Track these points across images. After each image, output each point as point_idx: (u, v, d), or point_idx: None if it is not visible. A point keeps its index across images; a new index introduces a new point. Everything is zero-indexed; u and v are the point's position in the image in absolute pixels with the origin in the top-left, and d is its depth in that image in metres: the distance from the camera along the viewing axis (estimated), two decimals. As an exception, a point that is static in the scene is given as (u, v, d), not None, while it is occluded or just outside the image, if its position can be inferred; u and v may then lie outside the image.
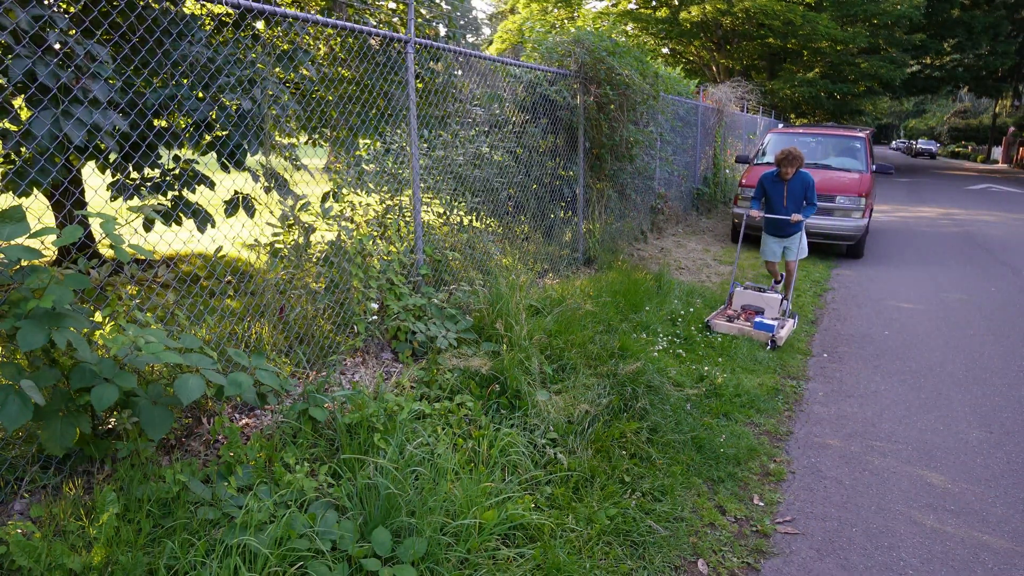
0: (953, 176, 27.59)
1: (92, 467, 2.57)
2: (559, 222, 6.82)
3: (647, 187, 9.09)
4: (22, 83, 2.78)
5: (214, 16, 3.97)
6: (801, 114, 31.95)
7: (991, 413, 4.11)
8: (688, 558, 2.67)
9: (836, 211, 8.61)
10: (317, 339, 3.73)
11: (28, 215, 2.31)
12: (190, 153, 3.84)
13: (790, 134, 10.55)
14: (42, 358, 2.37)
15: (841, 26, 24.04)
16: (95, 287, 2.63)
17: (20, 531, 2.10)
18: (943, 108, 63.41)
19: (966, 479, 3.33)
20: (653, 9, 27.81)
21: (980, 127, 50.70)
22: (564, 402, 3.63)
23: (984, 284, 7.55)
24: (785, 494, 3.17)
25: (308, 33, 4.84)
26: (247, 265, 4.63)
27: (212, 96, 3.42)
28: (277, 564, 2.18)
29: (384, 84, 4.45)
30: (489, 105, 6.00)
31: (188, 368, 2.72)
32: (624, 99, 6.70)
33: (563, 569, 2.46)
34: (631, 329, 5.07)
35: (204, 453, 2.86)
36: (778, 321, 5.49)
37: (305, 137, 5.65)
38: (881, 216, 13.60)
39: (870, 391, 4.43)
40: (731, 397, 4.16)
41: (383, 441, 2.85)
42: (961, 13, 29.55)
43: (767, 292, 5.82)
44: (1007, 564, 2.68)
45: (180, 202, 3.81)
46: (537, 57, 6.65)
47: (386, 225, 4.46)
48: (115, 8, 3.46)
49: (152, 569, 2.13)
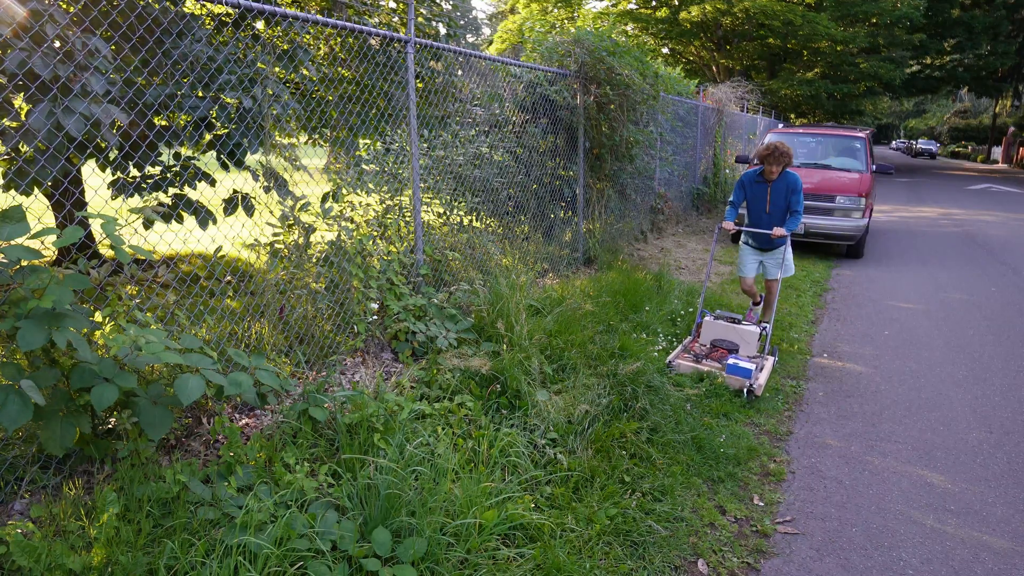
0: (953, 176, 27.59)
1: (92, 467, 2.57)
2: (559, 222, 6.82)
3: (647, 187, 9.09)
4: (23, 82, 2.78)
5: (214, 16, 3.97)
6: (801, 114, 31.96)
7: (991, 413, 4.11)
8: (688, 558, 2.67)
9: (836, 211, 8.61)
10: (317, 339, 3.73)
11: (28, 215, 2.31)
12: (191, 152, 3.84)
13: (790, 134, 10.55)
14: (42, 358, 2.37)
15: (841, 26, 24.04)
16: (95, 287, 2.63)
17: (20, 531, 2.10)
18: (943, 108, 63.40)
19: (966, 479, 3.33)
20: (653, 9, 27.81)
21: (980, 127, 50.70)
22: (564, 402, 3.63)
23: (984, 284, 7.55)
24: (785, 494, 3.17)
25: (308, 33, 4.84)
26: (247, 265, 4.63)
27: (212, 96, 3.42)
28: (277, 564, 2.18)
29: (384, 84, 4.45)
30: (489, 105, 6.00)
31: (188, 368, 2.72)
32: (624, 99, 6.70)
33: (563, 569, 2.46)
34: (631, 329, 5.07)
35: (204, 453, 2.86)
36: (756, 362, 4.43)
37: (305, 137, 5.65)
38: (881, 216, 13.60)
39: (870, 391, 4.43)
40: (731, 397, 4.16)
41: (383, 441, 2.85)
42: (961, 13, 29.54)
43: (743, 324, 4.75)
44: (1007, 564, 2.68)
45: (181, 201, 3.81)
46: (537, 57, 6.65)
47: (386, 225, 4.46)
48: (115, 8, 3.46)
49: (152, 569, 2.13)
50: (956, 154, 47.33)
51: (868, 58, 26.19)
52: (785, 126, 13.41)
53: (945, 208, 15.38)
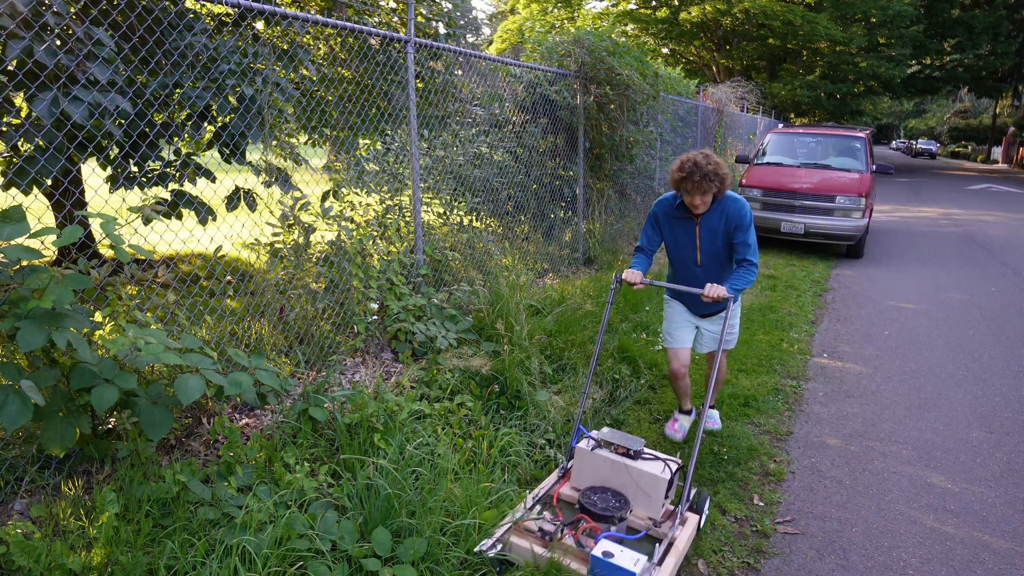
0: (953, 176, 27.59)
1: (92, 467, 2.57)
2: (559, 222, 6.83)
3: (647, 187, 9.09)
4: (29, 72, 2.78)
5: (214, 16, 3.97)
6: (801, 114, 31.97)
7: (991, 413, 4.11)
8: (688, 558, 2.67)
9: (836, 211, 8.61)
10: (317, 339, 3.73)
11: (28, 215, 2.31)
12: (191, 148, 3.84)
13: (790, 134, 10.55)
14: (42, 358, 2.37)
15: (840, 26, 24.04)
16: (95, 287, 2.63)
17: (20, 531, 2.10)
18: (943, 108, 63.42)
19: (966, 479, 3.33)
20: (653, 9, 27.82)
21: (980, 127, 50.70)
22: (564, 402, 3.63)
23: (984, 284, 7.55)
24: (785, 494, 3.17)
25: (308, 33, 4.84)
26: (247, 265, 4.63)
27: (211, 80, 3.40)
28: (277, 564, 2.18)
29: (384, 84, 4.45)
30: (489, 105, 6.00)
31: (188, 368, 2.72)
32: (624, 99, 6.71)
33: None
34: (631, 329, 5.07)
35: (204, 453, 2.86)
36: (655, 546, 2.46)
37: (305, 137, 5.65)
38: (881, 216, 13.60)
39: (870, 391, 4.43)
40: (730, 397, 4.16)
41: (383, 441, 2.85)
42: (961, 13, 29.55)
43: (642, 456, 2.71)
44: (1007, 564, 2.68)
45: (181, 200, 3.81)
46: (537, 57, 6.65)
47: (386, 225, 4.46)
48: (115, 8, 3.46)
49: (152, 569, 2.13)
50: (956, 154, 47.34)
51: (868, 57, 26.19)
52: (785, 126, 13.42)
53: (945, 208, 15.38)
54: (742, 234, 3.01)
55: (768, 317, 5.96)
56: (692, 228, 3.12)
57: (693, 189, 2.91)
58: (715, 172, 2.88)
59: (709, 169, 2.87)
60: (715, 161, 2.91)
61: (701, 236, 3.10)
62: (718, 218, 3.05)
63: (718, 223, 3.06)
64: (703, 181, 2.88)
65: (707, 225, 3.08)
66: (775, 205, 8.92)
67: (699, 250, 3.14)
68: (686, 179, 2.90)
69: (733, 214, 3.02)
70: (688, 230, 3.13)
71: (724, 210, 3.04)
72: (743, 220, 3.01)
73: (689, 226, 3.12)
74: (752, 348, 5.11)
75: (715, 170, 2.88)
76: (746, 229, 3.01)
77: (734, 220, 3.02)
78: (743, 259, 3.01)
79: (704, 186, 2.89)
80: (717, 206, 3.05)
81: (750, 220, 3.03)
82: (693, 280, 3.23)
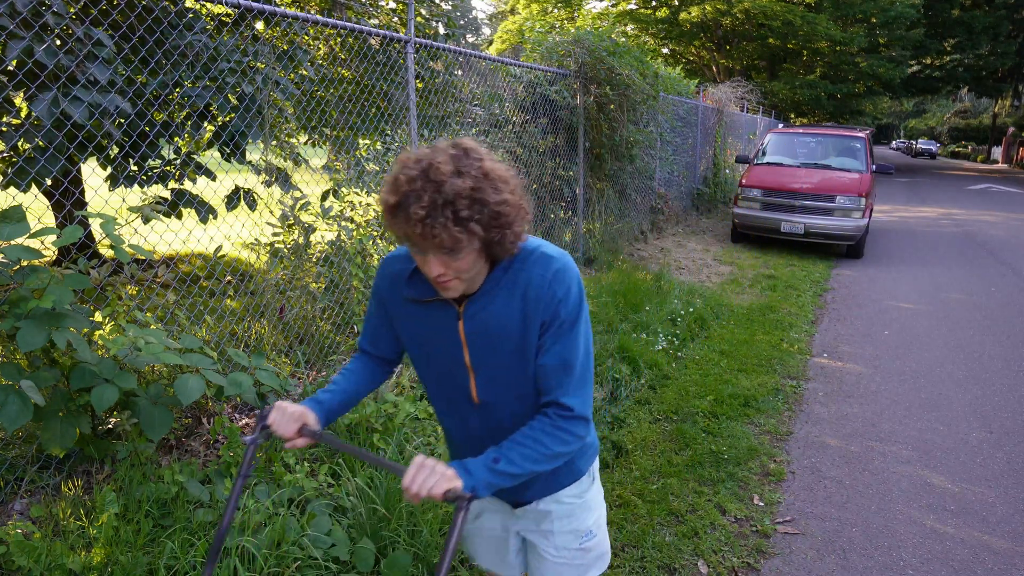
0: (953, 176, 27.59)
1: (92, 467, 2.57)
2: (559, 222, 6.83)
3: (647, 187, 9.09)
4: (28, 72, 2.78)
5: (214, 16, 3.97)
6: (801, 114, 31.94)
7: (991, 413, 4.11)
8: (688, 558, 2.67)
9: (836, 211, 8.61)
10: (317, 339, 3.73)
11: (28, 215, 2.31)
12: (191, 147, 3.84)
13: (790, 134, 10.54)
14: (42, 358, 2.37)
15: (840, 27, 24.05)
16: (95, 287, 2.63)
17: (20, 531, 2.10)
18: (943, 108, 63.43)
19: (966, 479, 3.33)
20: (653, 9, 27.80)
21: (980, 127, 50.72)
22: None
23: (984, 284, 7.55)
24: (785, 494, 3.17)
25: (308, 33, 4.84)
26: (247, 265, 4.63)
27: (211, 79, 3.40)
28: (276, 564, 2.18)
29: (384, 84, 4.45)
30: (489, 105, 6.00)
31: (188, 368, 2.72)
32: (624, 99, 6.71)
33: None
34: (631, 329, 5.07)
35: (204, 453, 2.86)
36: None
37: (305, 136, 5.65)
38: (881, 216, 13.60)
39: (870, 391, 4.43)
40: (730, 397, 4.15)
41: (382, 441, 2.85)
42: (961, 13, 29.54)
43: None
44: (1007, 564, 2.68)
45: (181, 200, 3.81)
46: (537, 57, 6.66)
47: (386, 225, 4.46)
48: (115, 8, 3.47)
49: (152, 569, 2.13)
50: (956, 154, 47.35)
51: (868, 57, 26.19)
52: (785, 126, 13.42)
53: (945, 208, 15.38)
54: (556, 340, 1.32)
55: (768, 317, 5.96)
56: (451, 325, 1.37)
57: (419, 239, 1.17)
58: (475, 195, 1.16)
59: (460, 188, 1.15)
60: (482, 167, 1.20)
61: (471, 342, 1.37)
62: (506, 303, 1.32)
63: (506, 313, 1.33)
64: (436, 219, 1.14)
65: (481, 319, 1.34)
66: (775, 205, 8.92)
67: (471, 370, 1.40)
68: (398, 211, 1.17)
69: (540, 295, 1.31)
70: (443, 328, 1.39)
71: (519, 286, 1.32)
72: (560, 309, 1.31)
73: (444, 319, 1.38)
74: (752, 348, 5.11)
75: (477, 189, 1.17)
76: (568, 329, 1.33)
77: (542, 308, 1.31)
78: (551, 401, 1.34)
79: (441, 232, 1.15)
80: (504, 276, 1.33)
81: (576, 310, 1.34)
82: (463, 434, 1.51)
